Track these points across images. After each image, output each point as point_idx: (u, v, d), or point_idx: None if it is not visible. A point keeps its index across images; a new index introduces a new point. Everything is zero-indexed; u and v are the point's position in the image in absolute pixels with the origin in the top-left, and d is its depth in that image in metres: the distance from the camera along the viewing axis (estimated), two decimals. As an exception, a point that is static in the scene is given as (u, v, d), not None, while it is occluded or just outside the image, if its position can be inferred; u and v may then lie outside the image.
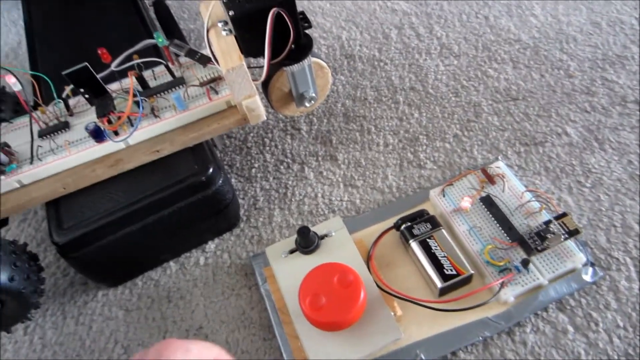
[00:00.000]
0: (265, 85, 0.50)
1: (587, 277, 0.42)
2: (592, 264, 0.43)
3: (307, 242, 0.44)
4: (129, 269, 0.50)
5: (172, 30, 0.68)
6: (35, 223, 0.59)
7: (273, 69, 0.48)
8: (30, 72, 0.51)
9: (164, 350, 0.29)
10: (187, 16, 0.83)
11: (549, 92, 0.59)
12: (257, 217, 0.53)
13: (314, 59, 0.49)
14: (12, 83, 0.44)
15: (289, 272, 0.43)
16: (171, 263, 0.51)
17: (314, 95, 0.51)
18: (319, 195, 0.54)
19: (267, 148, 0.60)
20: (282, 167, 0.57)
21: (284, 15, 0.43)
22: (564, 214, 0.43)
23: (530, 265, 0.41)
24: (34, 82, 0.51)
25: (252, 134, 0.61)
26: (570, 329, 0.41)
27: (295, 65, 0.47)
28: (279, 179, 0.56)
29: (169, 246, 0.50)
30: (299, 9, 0.68)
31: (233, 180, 0.57)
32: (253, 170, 0.58)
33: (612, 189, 0.49)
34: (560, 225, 0.42)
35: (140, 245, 0.47)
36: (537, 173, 0.51)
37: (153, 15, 0.72)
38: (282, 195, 0.55)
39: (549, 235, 0.41)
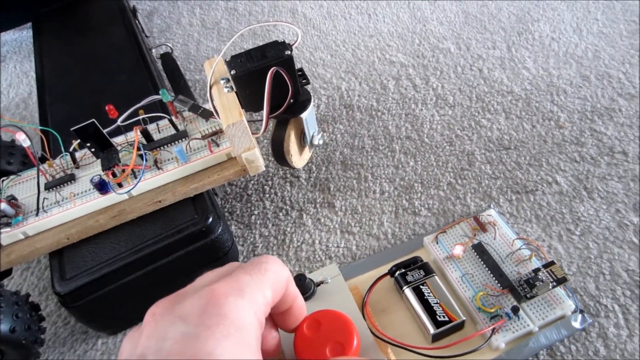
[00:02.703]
0: (281, 146, 0.52)
1: (577, 324, 0.42)
2: (582, 311, 0.43)
3: (303, 289, 0.45)
4: (129, 316, 0.51)
5: (178, 81, 0.71)
6: (38, 272, 0.60)
7: (281, 129, 0.51)
8: (40, 128, 0.53)
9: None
10: (193, 67, 0.86)
11: (540, 142, 0.61)
12: (256, 264, 0.55)
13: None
14: (21, 139, 0.46)
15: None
16: (171, 310, 0.52)
17: (318, 134, 0.55)
18: (317, 241, 0.55)
19: (267, 195, 0.61)
20: (281, 214, 0.59)
21: (283, 73, 0.45)
22: (552, 263, 0.44)
23: (521, 312, 0.42)
24: (43, 136, 0.53)
25: (252, 182, 0.63)
26: (561, 376, 0.41)
27: (306, 111, 0.50)
28: (278, 225, 0.58)
29: (169, 293, 0.51)
30: (301, 61, 0.71)
31: (233, 227, 0.59)
32: (253, 217, 0.59)
33: (600, 237, 0.50)
34: (549, 274, 0.43)
35: (141, 293, 0.48)
36: (528, 221, 0.53)
37: (161, 67, 0.75)
38: (280, 241, 0.56)
39: (537, 283, 0.42)
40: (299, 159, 0.55)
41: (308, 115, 0.51)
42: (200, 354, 0.22)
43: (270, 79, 0.45)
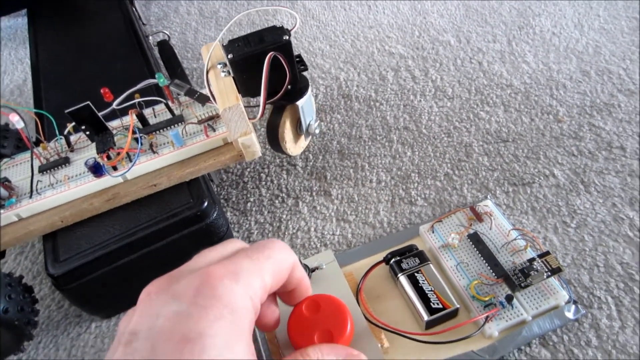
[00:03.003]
0: (275, 132, 0.52)
1: (570, 314, 0.42)
2: (575, 302, 0.43)
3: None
4: (123, 300, 0.51)
5: (175, 69, 0.70)
6: (32, 256, 0.60)
7: (277, 115, 0.51)
8: (34, 110, 0.53)
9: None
10: (190, 55, 0.86)
11: (538, 135, 0.60)
12: (250, 251, 0.54)
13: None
14: (15, 121, 0.45)
15: (280, 302, 0.44)
16: (165, 295, 0.52)
17: (315, 122, 0.55)
18: (312, 229, 0.55)
19: (263, 183, 0.61)
20: (277, 201, 0.59)
21: (281, 58, 0.45)
22: (547, 253, 0.44)
23: (515, 301, 0.42)
24: (37, 119, 0.53)
25: (249, 169, 0.63)
26: (553, 365, 0.41)
27: (303, 98, 0.50)
28: (274, 212, 0.58)
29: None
30: (299, 51, 0.71)
31: (228, 213, 0.58)
32: (248, 204, 0.59)
33: (596, 230, 0.50)
34: (544, 263, 0.43)
35: (135, 276, 0.48)
36: (525, 212, 0.53)
37: (157, 55, 0.75)
38: (276, 228, 0.56)
39: (532, 273, 0.42)
40: (293, 146, 0.55)
41: (305, 103, 0.51)
42: (192, 333, 0.22)
43: (268, 64, 0.44)
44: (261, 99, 0.46)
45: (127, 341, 0.23)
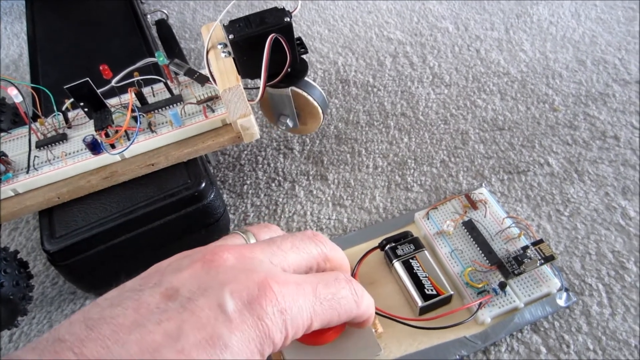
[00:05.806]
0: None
1: (561, 301, 0.43)
2: (567, 290, 0.44)
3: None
4: (118, 278, 0.51)
5: (173, 48, 0.70)
6: (26, 232, 0.59)
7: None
8: (32, 85, 0.52)
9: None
10: (188, 36, 0.85)
11: (533, 123, 0.61)
12: (246, 233, 0.55)
13: (300, 92, 0.51)
14: (13, 95, 0.45)
15: None
16: (160, 275, 0.52)
17: (289, 123, 0.53)
18: (308, 213, 0.55)
19: (260, 166, 0.61)
20: (273, 184, 0.59)
21: (282, 40, 0.45)
22: (541, 241, 0.44)
23: (507, 288, 0.43)
24: (35, 94, 0.52)
25: (245, 152, 0.63)
26: (543, 349, 0.42)
27: (275, 90, 0.49)
28: (270, 196, 0.58)
29: (159, 257, 0.51)
30: (298, 34, 0.71)
31: (225, 195, 0.58)
32: (245, 186, 0.59)
33: (588, 218, 0.50)
34: (537, 251, 0.44)
35: (130, 255, 0.48)
36: (519, 200, 0.53)
37: (155, 34, 0.74)
38: (272, 211, 0.56)
39: (525, 260, 0.43)
40: (269, 117, 0.55)
41: (275, 94, 0.50)
42: (220, 340, 0.21)
43: (269, 46, 0.44)
44: (261, 81, 0.46)
45: (165, 293, 0.23)
